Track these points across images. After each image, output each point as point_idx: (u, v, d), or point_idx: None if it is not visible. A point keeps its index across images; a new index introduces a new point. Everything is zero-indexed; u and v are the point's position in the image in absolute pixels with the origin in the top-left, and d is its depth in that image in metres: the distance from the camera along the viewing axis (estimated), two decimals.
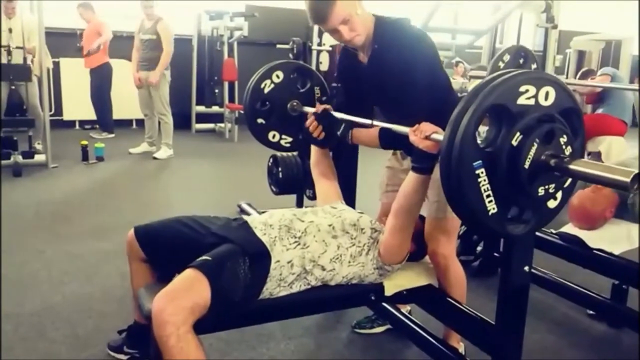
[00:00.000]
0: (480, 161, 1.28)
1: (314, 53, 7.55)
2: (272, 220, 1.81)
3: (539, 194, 1.33)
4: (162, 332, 1.47)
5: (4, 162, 4.90)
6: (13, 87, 5.07)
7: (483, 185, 1.29)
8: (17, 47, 5.00)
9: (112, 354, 2.14)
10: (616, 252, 2.23)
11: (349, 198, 2.40)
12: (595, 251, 2.28)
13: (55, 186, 4.67)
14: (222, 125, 7.40)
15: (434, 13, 4.30)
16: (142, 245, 1.85)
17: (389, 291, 1.88)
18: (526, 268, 1.61)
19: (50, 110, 5.98)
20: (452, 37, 6.57)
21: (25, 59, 5.05)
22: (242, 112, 6.92)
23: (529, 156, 1.29)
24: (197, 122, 7.56)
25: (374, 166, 2.39)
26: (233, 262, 1.62)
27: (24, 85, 5.13)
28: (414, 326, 2.14)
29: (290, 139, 2.49)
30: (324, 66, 7.35)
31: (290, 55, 6.61)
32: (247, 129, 2.48)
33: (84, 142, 5.52)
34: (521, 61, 3.44)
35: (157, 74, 5.57)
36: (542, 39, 4.83)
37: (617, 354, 2.37)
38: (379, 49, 1.89)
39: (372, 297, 1.90)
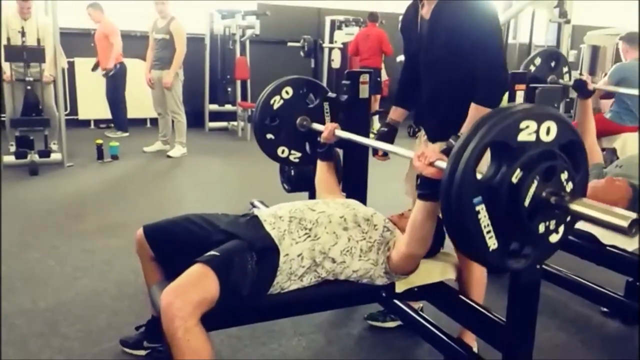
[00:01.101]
0: (480, 197, 1.27)
1: (326, 50, 7.55)
2: (282, 212, 1.82)
3: (540, 231, 1.32)
4: (170, 326, 1.50)
5: (20, 161, 4.97)
6: (29, 88, 5.12)
7: (483, 221, 1.28)
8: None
9: (129, 351, 2.15)
10: (629, 249, 2.20)
11: (361, 198, 2.40)
12: (608, 248, 2.26)
13: (71, 184, 4.73)
14: (235, 123, 7.43)
15: None
16: (150, 243, 1.87)
17: (399, 288, 1.88)
18: (537, 265, 1.60)
19: (66, 110, 6.03)
20: None
21: (39, 40, 5.04)
22: (254, 110, 6.96)
23: (529, 193, 1.27)
24: (210, 120, 7.60)
25: (384, 167, 2.39)
26: (241, 258, 1.64)
27: (40, 85, 5.18)
28: (425, 323, 2.14)
29: (299, 154, 2.52)
30: (336, 63, 7.35)
31: (302, 53, 6.61)
32: None
33: (99, 141, 5.58)
34: (552, 64, 3.39)
35: (171, 74, 5.60)
36: (555, 35, 4.79)
37: (630, 352, 2.34)
38: (442, 3, 1.90)
39: (383, 294, 1.89)
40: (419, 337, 2.22)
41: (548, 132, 1.30)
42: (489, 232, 1.29)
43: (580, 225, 2.41)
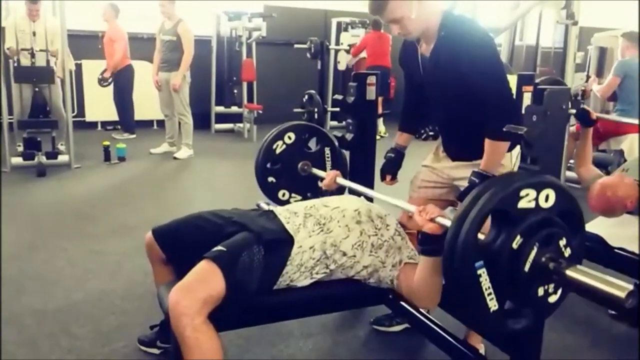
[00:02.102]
0: (481, 262, 1.32)
1: (332, 52, 7.56)
2: (296, 209, 1.85)
3: (539, 294, 1.37)
4: (178, 324, 1.51)
5: (28, 162, 5.01)
6: (37, 89, 5.17)
7: (484, 284, 1.33)
8: (41, 50, 5.10)
9: (144, 348, 2.18)
10: (638, 251, 2.20)
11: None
12: (616, 250, 2.26)
13: (78, 186, 4.76)
14: (241, 125, 7.45)
15: (453, 10, 4.28)
16: (161, 245, 1.87)
17: None
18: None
19: (73, 112, 6.06)
20: None
21: (48, 61, 5.15)
22: (260, 112, 6.99)
23: (529, 259, 1.32)
24: (217, 122, 7.63)
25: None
26: (248, 251, 1.65)
27: (47, 87, 5.22)
28: (432, 325, 2.13)
29: (299, 198, 2.55)
30: (342, 65, 7.36)
31: (308, 55, 6.62)
32: (266, 129, 2.52)
33: (106, 143, 5.61)
34: None
35: (179, 76, 5.63)
36: (562, 36, 4.77)
37: (637, 354, 2.34)
38: (443, 42, 1.90)
39: (390, 296, 1.90)
40: (426, 339, 2.22)
41: (547, 200, 1.36)
42: (489, 294, 1.34)
43: (588, 227, 2.42)
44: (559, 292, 1.40)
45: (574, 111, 2.57)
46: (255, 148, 2.53)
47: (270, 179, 2.52)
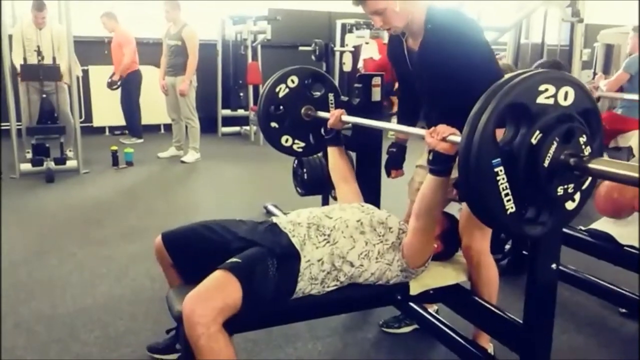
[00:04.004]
0: (499, 159, 1.26)
1: (337, 54, 7.55)
2: (300, 219, 1.83)
3: (558, 194, 1.31)
4: (193, 333, 1.50)
5: (37, 168, 5.04)
6: (44, 96, 5.19)
7: (502, 183, 1.27)
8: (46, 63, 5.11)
9: (160, 357, 2.15)
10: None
11: (374, 200, 2.41)
12: (625, 248, 2.24)
13: (87, 191, 4.78)
14: (248, 128, 7.47)
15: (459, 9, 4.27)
16: (169, 250, 1.87)
17: (414, 290, 1.88)
18: (553, 266, 1.59)
19: (81, 117, 6.11)
20: None
21: (54, 58, 5.12)
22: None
23: (549, 155, 1.27)
24: (223, 125, 7.64)
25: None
26: (262, 264, 1.64)
27: (55, 93, 5.25)
28: (441, 326, 2.14)
29: (302, 144, 2.52)
30: (347, 67, 7.34)
31: (313, 57, 6.63)
32: None
33: (114, 148, 5.64)
34: None
35: (186, 81, 5.64)
36: (568, 34, 4.75)
37: None
38: (430, 35, 1.88)
39: (398, 297, 1.90)
40: (435, 340, 2.21)
41: (566, 97, 1.30)
42: (507, 194, 1.29)
43: (597, 225, 2.41)
44: (577, 197, 1.35)
45: None
46: (261, 151, 2.54)
47: (273, 124, 2.47)
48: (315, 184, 3.10)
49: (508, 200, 1.29)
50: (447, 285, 1.95)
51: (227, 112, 7.60)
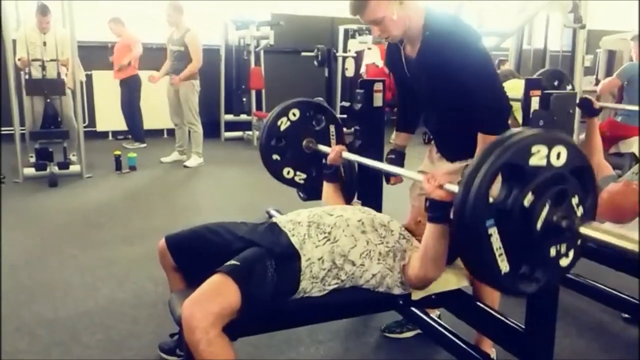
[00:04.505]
0: (492, 220, 1.28)
1: (340, 59, 7.58)
2: (300, 218, 1.84)
3: (551, 255, 1.33)
4: (192, 337, 1.51)
5: (40, 172, 5.05)
6: (48, 101, 5.22)
7: (495, 244, 1.29)
8: (51, 60, 5.16)
9: (165, 356, 2.18)
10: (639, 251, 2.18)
11: (376, 204, 2.41)
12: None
13: (90, 195, 4.79)
14: (250, 133, 7.49)
15: (459, 14, 4.28)
16: (172, 253, 1.88)
17: (416, 296, 1.88)
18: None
19: (84, 122, 6.14)
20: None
21: (59, 73, 5.21)
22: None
23: (541, 217, 1.29)
24: (226, 130, 7.66)
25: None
26: (261, 265, 1.65)
27: (59, 98, 5.28)
28: (443, 331, 2.13)
29: (304, 176, 2.54)
30: (350, 72, 7.36)
31: (315, 63, 6.65)
32: None
33: (117, 152, 5.65)
34: (555, 83, 3.39)
35: (183, 77, 5.64)
36: (570, 39, 4.76)
37: None
38: (428, 42, 1.88)
39: (400, 302, 1.89)
40: (437, 345, 2.21)
41: (558, 157, 1.32)
42: (500, 255, 1.30)
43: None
44: (571, 254, 1.36)
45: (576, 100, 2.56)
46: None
47: (275, 156, 2.49)
48: (317, 188, 3.10)
49: (502, 260, 1.31)
50: (449, 291, 1.95)
51: (229, 117, 7.62)
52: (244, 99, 7.54)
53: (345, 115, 3.49)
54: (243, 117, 7.62)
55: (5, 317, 2.48)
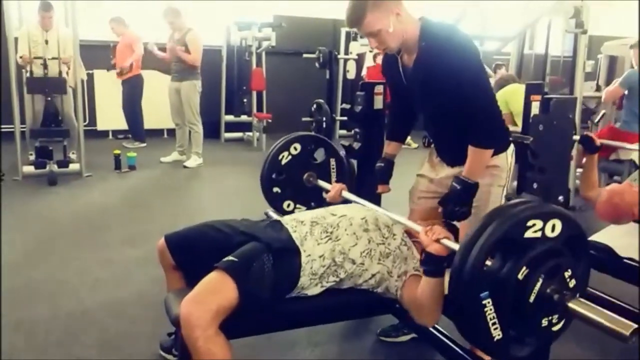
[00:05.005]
0: (487, 292, 1.32)
1: (341, 62, 7.57)
2: (303, 217, 1.86)
3: (543, 325, 1.38)
4: (191, 335, 1.52)
5: (40, 171, 5.06)
6: (49, 99, 5.22)
7: (489, 314, 1.34)
8: (53, 58, 5.16)
9: (163, 354, 2.20)
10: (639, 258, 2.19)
11: None
12: (625, 260, 2.24)
13: (89, 194, 4.80)
14: (251, 134, 7.49)
15: (462, 19, 4.29)
16: (172, 252, 1.88)
17: None
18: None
19: (85, 121, 6.14)
20: (480, 44, 6.52)
21: (60, 72, 5.21)
22: (269, 121, 7.02)
23: (534, 291, 1.33)
24: (226, 131, 7.67)
25: (397, 178, 2.39)
26: (258, 260, 1.66)
27: (59, 96, 5.28)
28: (439, 335, 2.13)
29: (304, 209, 2.55)
30: (351, 74, 7.36)
31: (317, 65, 6.64)
32: (275, 138, 2.53)
33: (117, 152, 5.66)
34: None
35: (178, 50, 5.61)
36: (571, 45, 4.76)
37: None
38: (424, 52, 1.89)
39: (397, 305, 1.90)
40: (433, 349, 2.21)
41: (553, 229, 1.36)
42: (494, 323, 1.35)
43: (597, 237, 2.40)
44: (562, 322, 1.42)
45: (577, 137, 2.57)
46: (264, 157, 2.54)
47: (276, 189, 2.52)
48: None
49: (495, 328, 1.35)
50: (446, 295, 1.95)
51: (230, 117, 7.64)
52: (245, 100, 7.55)
53: (345, 117, 3.51)
54: (244, 118, 7.62)
55: (3, 316, 2.48)
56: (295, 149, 2.49)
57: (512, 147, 2.03)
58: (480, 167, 1.89)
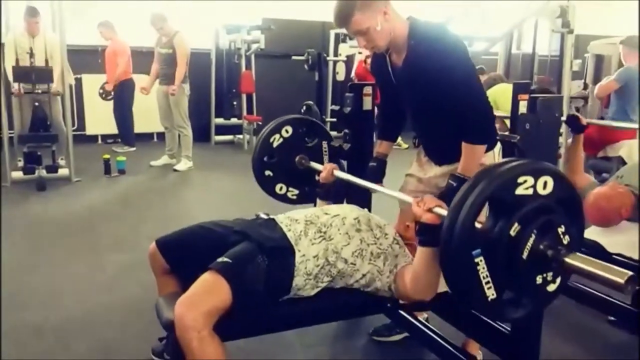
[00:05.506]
0: (479, 250, 1.30)
1: (331, 64, 7.59)
2: (297, 216, 1.86)
3: (537, 282, 1.35)
4: (185, 336, 1.53)
5: (28, 176, 5.02)
6: (37, 104, 5.18)
7: (482, 272, 1.31)
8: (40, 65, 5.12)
9: (155, 359, 2.19)
10: (635, 257, 2.20)
11: (365, 208, 2.41)
12: (614, 256, 2.26)
13: (79, 199, 4.77)
14: (241, 136, 7.48)
15: (451, 20, 4.31)
16: (165, 256, 1.88)
17: None
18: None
19: (73, 126, 6.09)
20: (469, 45, 6.55)
21: (47, 60, 5.11)
22: (260, 123, 7.01)
23: (527, 247, 1.31)
24: (216, 134, 7.66)
25: (387, 177, 2.40)
26: (252, 261, 1.66)
27: (48, 101, 5.24)
28: (431, 334, 2.14)
29: (296, 192, 2.55)
30: (340, 76, 7.39)
31: (306, 67, 6.66)
32: None
33: (106, 156, 5.63)
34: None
35: (176, 88, 5.66)
36: (558, 44, 4.79)
37: None
38: (414, 50, 1.90)
39: (388, 305, 1.90)
40: (425, 348, 2.22)
41: (545, 187, 1.34)
42: (487, 282, 1.32)
43: (586, 234, 2.41)
44: (558, 280, 1.38)
45: (564, 117, 2.58)
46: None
47: (268, 172, 2.50)
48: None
49: (489, 288, 1.33)
50: (437, 293, 1.95)
51: (220, 120, 7.63)
52: (235, 103, 7.54)
53: (335, 119, 3.52)
54: (234, 120, 7.62)
55: None
56: (287, 131, 2.47)
57: (499, 145, 2.04)
58: (475, 163, 1.90)
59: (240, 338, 1.87)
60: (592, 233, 2.41)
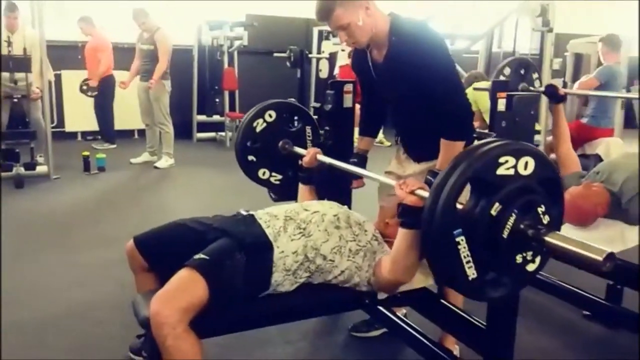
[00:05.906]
0: (460, 229, 1.31)
1: (314, 61, 7.59)
2: (277, 212, 1.86)
3: (517, 262, 1.36)
4: (160, 333, 1.51)
5: (6, 174, 4.94)
6: (15, 100, 5.12)
7: (463, 252, 1.32)
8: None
9: (133, 356, 2.18)
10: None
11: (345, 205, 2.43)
12: None
13: (57, 197, 4.71)
14: (223, 134, 7.45)
15: (432, 18, 4.34)
16: (143, 253, 1.87)
17: (382, 295, 1.90)
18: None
19: (52, 122, 6.03)
20: (450, 43, 6.60)
21: (25, 49, 5.04)
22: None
23: (508, 226, 1.31)
24: (199, 131, 7.61)
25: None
26: (230, 258, 1.66)
27: (27, 97, 5.17)
28: (409, 329, 2.16)
29: (279, 177, 2.54)
30: (323, 74, 7.38)
31: (288, 64, 6.64)
32: None
33: (86, 153, 5.56)
34: (522, 72, 3.46)
35: (155, 83, 5.62)
36: (538, 43, 4.86)
37: (612, 354, 2.38)
38: (395, 47, 1.91)
39: (367, 301, 1.91)
40: (403, 343, 2.24)
41: (526, 167, 1.35)
42: (468, 262, 1.33)
43: (562, 230, 2.45)
44: (538, 260, 1.39)
45: (542, 89, 2.61)
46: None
47: (251, 157, 2.49)
48: (288, 189, 3.11)
49: (470, 267, 1.34)
50: (415, 289, 1.97)
51: (202, 117, 7.59)
52: (217, 100, 7.51)
53: (316, 116, 3.53)
54: (216, 117, 7.58)
55: None
56: (270, 116, 2.46)
57: (475, 143, 2.06)
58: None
59: (218, 335, 1.87)
60: (568, 229, 2.44)
